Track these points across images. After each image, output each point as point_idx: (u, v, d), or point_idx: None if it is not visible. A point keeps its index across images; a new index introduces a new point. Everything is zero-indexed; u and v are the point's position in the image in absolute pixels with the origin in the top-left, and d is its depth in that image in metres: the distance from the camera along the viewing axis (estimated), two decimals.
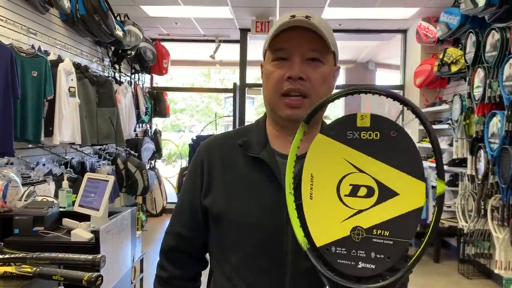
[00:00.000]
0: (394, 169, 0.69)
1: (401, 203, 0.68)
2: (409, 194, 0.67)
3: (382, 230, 0.69)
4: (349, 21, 5.67)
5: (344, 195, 0.73)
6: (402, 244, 0.67)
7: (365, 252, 0.70)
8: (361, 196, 0.71)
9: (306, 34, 0.90)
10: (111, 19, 4.13)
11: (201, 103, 15.39)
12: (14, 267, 1.18)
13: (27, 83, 3.04)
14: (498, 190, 3.58)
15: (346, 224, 0.72)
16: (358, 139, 0.72)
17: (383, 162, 0.70)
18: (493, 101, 3.65)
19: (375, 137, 0.71)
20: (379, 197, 0.70)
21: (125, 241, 2.43)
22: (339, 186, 0.73)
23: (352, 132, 0.73)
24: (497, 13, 3.58)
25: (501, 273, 3.55)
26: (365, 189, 0.71)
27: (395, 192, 0.69)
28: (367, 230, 0.70)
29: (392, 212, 0.68)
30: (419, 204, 0.67)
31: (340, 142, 0.74)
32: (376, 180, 0.70)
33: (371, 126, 0.71)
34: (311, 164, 0.77)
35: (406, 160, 0.68)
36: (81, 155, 4.28)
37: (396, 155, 0.69)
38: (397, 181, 0.69)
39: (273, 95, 0.95)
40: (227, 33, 6.39)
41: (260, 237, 0.93)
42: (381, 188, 0.70)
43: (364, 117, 0.72)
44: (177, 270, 1.04)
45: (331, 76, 0.97)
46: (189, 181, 1.05)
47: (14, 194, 2.37)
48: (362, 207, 0.71)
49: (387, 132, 0.70)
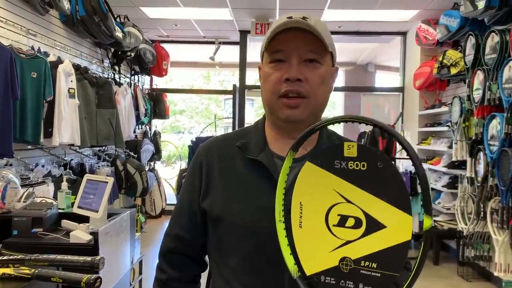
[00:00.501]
0: (381, 201, 0.68)
1: (388, 236, 0.67)
2: (396, 228, 0.67)
3: (369, 262, 0.68)
4: (349, 23, 5.68)
5: (332, 225, 0.72)
6: (389, 277, 0.67)
7: (354, 283, 0.70)
8: (349, 227, 0.71)
9: (303, 35, 0.90)
10: (111, 20, 4.13)
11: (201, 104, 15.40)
12: (12, 269, 1.18)
13: (27, 84, 3.04)
14: (497, 193, 3.58)
15: (335, 254, 0.72)
16: (345, 169, 0.71)
17: (370, 193, 0.69)
18: (492, 103, 3.65)
19: (362, 168, 0.70)
20: (366, 229, 0.69)
21: (124, 243, 2.43)
22: (328, 216, 0.73)
23: (339, 162, 0.72)
24: (497, 16, 3.58)
25: (501, 275, 3.55)
26: (353, 220, 0.70)
27: (382, 224, 0.68)
28: (355, 261, 0.70)
29: (379, 245, 0.68)
30: (406, 238, 0.66)
31: (328, 171, 0.73)
32: (363, 211, 0.70)
33: (358, 156, 0.70)
34: (300, 192, 0.77)
35: (392, 192, 0.67)
36: (80, 157, 4.28)
37: (383, 187, 0.68)
38: (384, 213, 0.68)
39: (272, 97, 0.94)
40: (226, 35, 6.39)
41: (258, 239, 0.93)
42: (369, 220, 0.69)
43: (351, 146, 0.71)
44: (176, 272, 1.04)
45: (330, 77, 0.97)
46: (188, 183, 1.05)
47: (13, 195, 2.36)
48: (350, 238, 0.70)
49: (374, 163, 0.69)
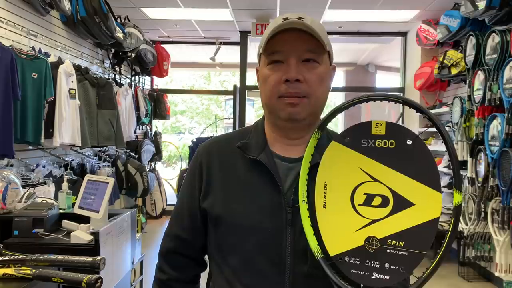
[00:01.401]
0: (410, 179, 0.67)
1: (417, 213, 0.66)
2: (425, 205, 0.66)
3: (396, 240, 0.68)
4: (350, 24, 5.68)
5: (358, 204, 0.72)
6: (418, 255, 0.66)
7: (379, 262, 0.69)
8: (376, 206, 0.70)
9: (300, 35, 0.90)
10: (111, 21, 4.13)
11: (201, 105, 15.39)
12: (13, 269, 1.18)
13: (28, 84, 3.04)
14: (498, 193, 3.58)
15: (360, 234, 0.71)
16: (373, 147, 0.71)
17: (398, 171, 0.68)
18: (493, 103, 3.65)
19: (390, 146, 0.69)
20: (394, 207, 0.68)
21: (125, 243, 2.43)
22: (353, 195, 0.72)
23: (366, 140, 0.71)
24: (497, 16, 3.58)
25: (502, 276, 3.55)
26: (379, 199, 0.70)
27: (411, 202, 0.67)
28: (382, 241, 0.69)
29: (407, 223, 0.67)
30: (435, 215, 0.65)
31: (354, 150, 0.72)
32: (391, 189, 0.69)
33: (386, 134, 0.70)
34: (324, 172, 0.76)
35: (422, 170, 0.67)
36: (81, 157, 4.28)
37: (412, 165, 0.67)
38: (412, 191, 0.67)
39: (271, 98, 0.94)
40: (227, 35, 6.40)
41: (258, 240, 0.93)
42: (396, 198, 0.68)
43: (379, 124, 0.70)
44: (176, 273, 1.04)
45: (328, 76, 0.97)
46: (188, 183, 1.05)
47: (14, 196, 2.36)
48: (376, 217, 0.70)
49: (403, 140, 0.68)
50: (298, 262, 0.90)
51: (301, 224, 0.90)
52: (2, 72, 2.72)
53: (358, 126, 0.73)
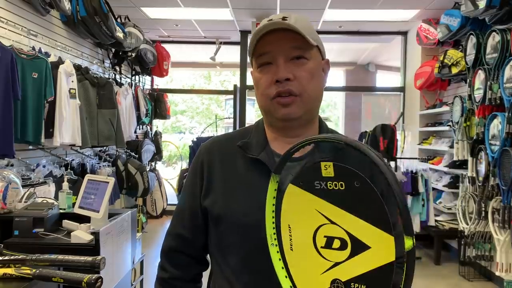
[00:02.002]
0: (363, 221, 0.67)
1: (374, 256, 0.66)
2: (380, 248, 0.65)
3: (359, 284, 0.67)
4: (350, 23, 5.67)
5: (320, 246, 0.71)
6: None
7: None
8: (336, 249, 0.70)
9: (284, 34, 0.91)
10: (111, 20, 4.13)
11: (202, 105, 15.39)
12: (13, 269, 1.18)
13: (28, 84, 3.04)
14: (499, 192, 3.58)
15: (326, 277, 0.71)
16: (325, 189, 0.70)
17: (351, 214, 0.68)
18: (493, 103, 3.65)
19: (341, 187, 0.69)
20: (352, 250, 0.68)
21: (125, 243, 2.43)
22: (315, 238, 0.72)
23: (319, 182, 0.71)
24: (498, 15, 3.58)
25: (502, 275, 3.55)
26: (338, 241, 0.69)
27: (367, 245, 0.66)
28: (346, 283, 0.69)
29: (366, 266, 0.66)
30: (390, 258, 0.64)
31: (309, 193, 0.72)
32: (347, 232, 0.68)
33: (335, 175, 0.69)
34: (287, 215, 0.76)
35: (372, 212, 0.66)
36: (81, 157, 4.28)
37: (362, 206, 0.67)
38: (367, 234, 0.66)
39: (265, 100, 0.95)
40: (227, 35, 6.39)
41: (259, 238, 0.91)
42: (353, 241, 0.68)
43: (328, 166, 0.70)
44: (178, 271, 1.04)
45: (320, 71, 0.97)
46: (189, 182, 1.05)
47: (14, 196, 2.36)
48: (338, 259, 0.69)
49: (351, 182, 0.67)
50: None
51: None
52: (2, 72, 2.72)
53: (309, 168, 0.73)
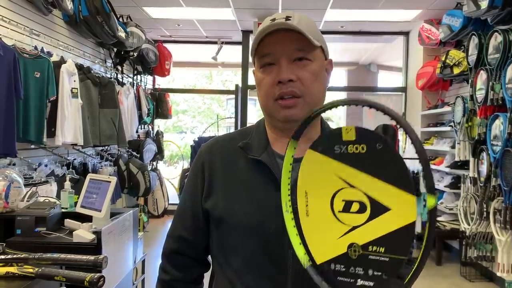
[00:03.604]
0: (384, 183, 0.67)
1: (394, 218, 0.66)
2: (401, 209, 0.65)
3: (377, 246, 0.67)
4: (352, 23, 5.66)
5: (338, 211, 0.72)
6: (397, 261, 0.66)
7: (363, 269, 0.69)
8: (354, 212, 0.70)
9: (288, 35, 0.89)
10: (113, 20, 4.14)
11: (203, 104, 15.40)
12: (16, 268, 1.19)
13: (30, 84, 3.05)
14: (500, 193, 3.57)
15: (342, 241, 0.71)
16: (345, 153, 0.71)
17: (372, 176, 0.68)
18: (495, 103, 3.64)
19: (362, 150, 0.69)
20: (371, 213, 0.68)
21: (127, 242, 2.43)
22: (333, 202, 0.72)
23: (339, 146, 0.71)
24: (500, 15, 3.57)
25: (504, 276, 3.54)
26: (357, 205, 0.70)
27: (387, 207, 0.67)
28: (363, 247, 0.69)
29: (385, 228, 0.67)
30: (411, 219, 0.64)
31: (329, 157, 0.72)
32: (367, 195, 0.69)
33: (356, 139, 0.69)
34: (304, 180, 0.76)
35: (394, 173, 0.66)
36: (83, 156, 4.29)
37: (384, 168, 0.67)
38: (387, 196, 0.66)
39: (267, 101, 0.94)
40: (229, 35, 6.39)
41: (261, 240, 0.92)
42: (373, 203, 0.68)
43: (349, 130, 0.70)
44: (179, 273, 1.04)
45: (323, 71, 0.96)
46: (190, 184, 1.04)
47: (16, 195, 2.37)
48: (356, 223, 0.70)
49: (373, 144, 0.68)
50: (300, 262, 0.90)
51: None
52: (5, 71, 2.73)
53: (329, 133, 0.74)
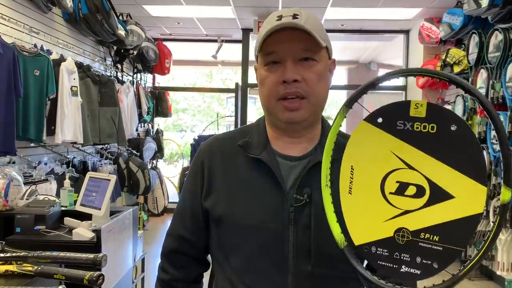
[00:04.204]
0: (451, 169, 0.61)
1: (456, 207, 0.61)
2: (466, 198, 0.60)
3: (431, 234, 0.62)
4: (352, 22, 5.66)
5: (389, 192, 0.66)
6: (454, 252, 0.61)
7: (410, 256, 0.64)
8: (409, 196, 0.64)
9: (295, 34, 0.87)
10: (113, 18, 4.13)
11: (203, 103, 15.38)
12: (15, 266, 1.18)
13: (30, 82, 3.05)
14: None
15: (389, 224, 0.65)
16: (410, 131, 0.64)
17: (438, 159, 0.62)
18: (496, 102, 3.64)
19: (431, 130, 0.62)
20: (430, 199, 0.63)
21: (126, 241, 2.43)
22: (384, 183, 0.66)
23: (403, 122, 0.64)
24: (500, 14, 3.57)
25: (503, 274, 3.54)
26: (414, 188, 0.64)
27: (450, 194, 0.61)
28: (414, 233, 0.64)
29: (444, 216, 0.62)
30: (477, 210, 0.59)
31: (387, 133, 0.66)
32: (428, 179, 0.63)
33: (427, 116, 0.63)
34: (351, 154, 0.69)
35: (465, 159, 0.60)
36: (83, 155, 4.29)
37: (455, 153, 0.61)
38: (453, 183, 0.61)
39: (270, 100, 0.92)
40: (229, 33, 6.38)
41: (261, 240, 0.92)
42: (433, 189, 0.62)
43: (420, 105, 0.63)
44: (179, 272, 1.03)
45: (327, 71, 0.94)
46: (189, 183, 1.04)
47: (16, 193, 2.37)
48: (409, 207, 0.64)
49: (446, 125, 0.61)
50: (301, 262, 0.89)
51: (304, 223, 0.90)
52: (4, 69, 2.72)
53: (393, 106, 0.66)
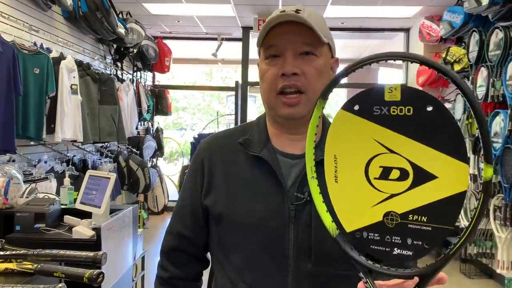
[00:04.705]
0: (431, 149, 0.61)
1: (440, 187, 0.61)
2: (449, 177, 0.60)
3: (419, 215, 0.63)
4: (352, 20, 5.65)
5: (374, 178, 0.66)
6: (443, 230, 0.62)
7: (401, 238, 0.65)
8: (393, 179, 0.64)
9: (296, 28, 0.88)
10: (113, 16, 4.12)
11: (203, 101, 15.40)
12: (15, 264, 1.18)
13: (29, 80, 3.04)
14: (500, 190, 3.57)
15: (377, 209, 0.66)
16: (387, 115, 0.64)
17: (417, 141, 0.62)
18: (496, 100, 3.64)
19: (407, 113, 0.62)
20: (414, 181, 0.63)
21: (126, 239, 2.43)
22: (368, 168, 0.66)
23: (379, 108, 0.64)
24: (501, 12, 3.56)
25: (503, 273, 3.55)
26: (397, 172, 0.64)
27: (433, 175, 0.61)
28: (402, 216, 0.64)
29: (429, 197, 0.62)
30: (461, 188, 0.60)
31: (365, 119, 0.66)
32: (410, 161, 0.63)
33: (402, 100, 0.63)
34: (333, 144, 0.70)
35: (445, 139, 0.60)
36: (83, 153, 4.29)
37: (433, 133, 0.61)
38: (434, 163, 0.61)
39: (270, 94, 0.92)
40: (229, 31, 6.38)
41: (261, 238, 0.91)
42: (416, 171, 0.63)
43: (394, 89, 0.63)
44: (178, 270, 1.03)
45: (328, 69, 0.94)
46: (189, 181, 1.03)
47: (16, 191, 2.37)
48: (395, 191, 0.65)
49: (422, 106, 0.61)
50: (301, 260, 0.89)
51: (304, 221, 0.89)
52: (4, 67, 2.72)
53: (368, 92, 0.66)
